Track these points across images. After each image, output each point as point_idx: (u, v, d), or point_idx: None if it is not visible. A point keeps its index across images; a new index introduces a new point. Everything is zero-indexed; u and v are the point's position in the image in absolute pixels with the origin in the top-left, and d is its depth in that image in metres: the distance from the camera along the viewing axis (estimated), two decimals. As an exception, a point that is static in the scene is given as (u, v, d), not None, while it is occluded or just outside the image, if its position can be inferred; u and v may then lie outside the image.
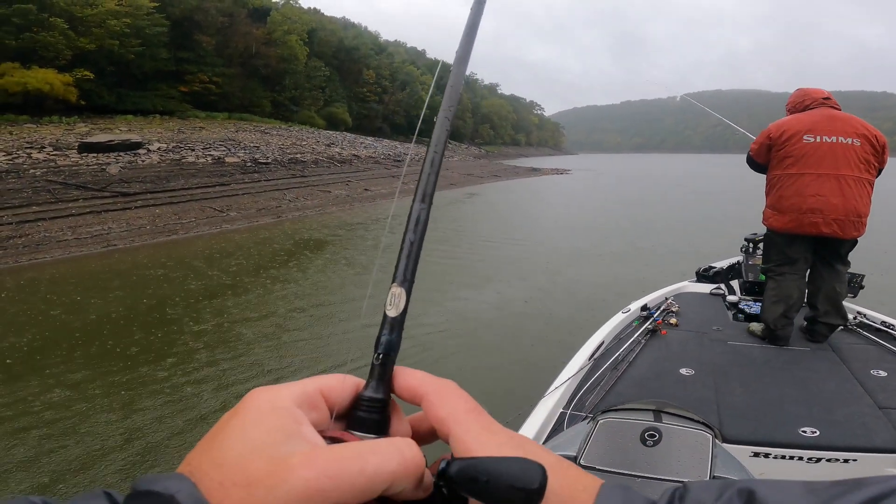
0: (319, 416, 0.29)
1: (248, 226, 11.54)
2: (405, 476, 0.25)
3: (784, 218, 2.97)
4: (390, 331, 0.32)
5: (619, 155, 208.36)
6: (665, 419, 1.61)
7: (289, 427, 0.25)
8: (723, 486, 0.26)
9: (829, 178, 2.85)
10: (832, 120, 2.93)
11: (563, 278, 7.42)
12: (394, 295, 0.32)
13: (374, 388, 0.31)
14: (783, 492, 0.24)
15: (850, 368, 2.59)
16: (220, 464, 0.23)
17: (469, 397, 0.31)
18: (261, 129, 29.03)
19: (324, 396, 0.30)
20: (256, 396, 0.27)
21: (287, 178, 17.30)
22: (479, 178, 28.20)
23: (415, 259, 0.33)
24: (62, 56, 26.70)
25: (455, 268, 7.92)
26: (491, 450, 0.28)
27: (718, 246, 7.44)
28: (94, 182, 12.03)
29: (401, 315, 0.32)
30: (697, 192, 23.97)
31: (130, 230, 9.89)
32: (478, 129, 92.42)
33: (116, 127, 22.02)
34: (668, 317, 3.31)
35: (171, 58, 33.53)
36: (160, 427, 3.39)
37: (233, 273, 7.41)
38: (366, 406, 0.30)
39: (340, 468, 0.23)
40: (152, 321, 5.50)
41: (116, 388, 3.94)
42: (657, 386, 2.43)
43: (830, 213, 2.84)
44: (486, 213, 15.34)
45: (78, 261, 8.13)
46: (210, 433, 0.26)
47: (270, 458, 0.23)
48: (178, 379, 4.10)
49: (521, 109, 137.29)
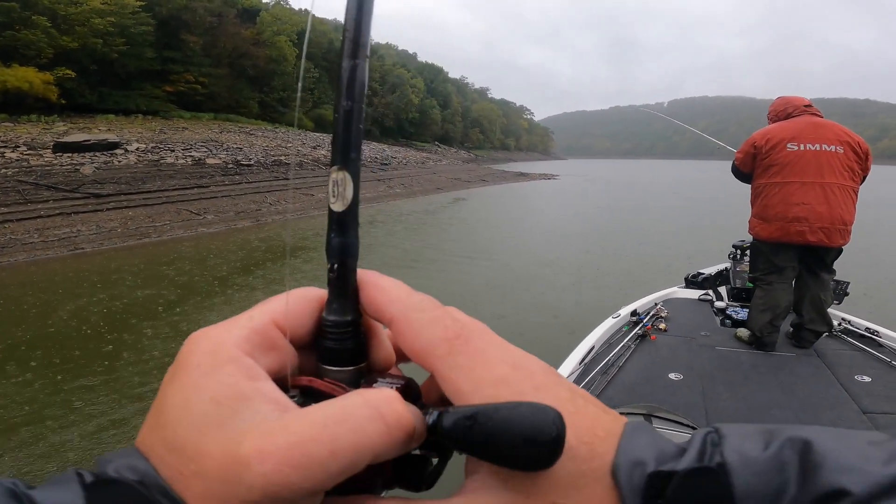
0: (279, 358, 0.24)
1: (226, 229, 11.33)
2: (390, 444, 0.21)
3: (770, 227, 2.97)
4: (340, 230, 0.25)
5: (607, 160, 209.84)
6: (655, 423, 1.62)
7: (240, 388, 0.21)
8: (768, 433, 0.22)
9: (813, 186, 2.85)
10: (816, 127, 2.93)
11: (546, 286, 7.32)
12: (335, 182, 0.25)
13: (336, 310, 0.25)
14: (844, 442, 0.21)
15: (835, 374, 2.63)
16: (171, 447, 0.20)
17: (451, 317, 0.24)
18: (246, 131, 28.70)
19: (279, 327, 0.24)
20: (195, 346, 0.23)
21: (269, 180, 17.06)
22: (465, 182, 28.13)
23: (356, 132, 0.25)
24: (44, 54, 26.25)
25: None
26: (487, 389, 0.22)
27: (707, 251, 7.46)
28: (67, 183, 11.73)
29: (350, 207, 0.25)
30: (688, 199, 24.05)
31: (100, 233, 9.63)
32: (467, 133, 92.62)
33: (96, 126, 21.63)
34: (657, 322, 3.36)
35: (156, 57, 33.13)
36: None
37: (181, 284, 7.04)
38: (332, 333, 0.25)
39: (305, 453, 0.19)
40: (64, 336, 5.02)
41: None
42: (647, 390, 2.47)
43: (816, 221, 2.85)
44: (474, 218, 15.24)
45: (40, 264, 7.87)
46: (156, 399, 0.22)
47: (222, 443, 0.20)
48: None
49: (511, 114, 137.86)
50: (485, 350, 0.23)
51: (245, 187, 15.53)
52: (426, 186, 23.67)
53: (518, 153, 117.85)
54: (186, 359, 0.22)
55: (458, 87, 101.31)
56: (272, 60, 42.61)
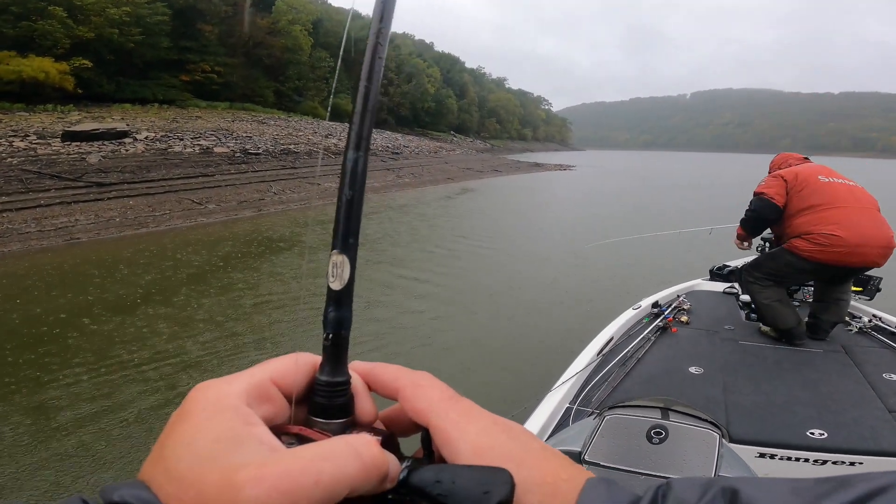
0: (274, 409, 0.27)
1: (226, 219, 11.21)
2: (365, 480, 0.24)
3: (827, 250, 2.85)
4: (336, 306, 0.28)
5: (626, 152, 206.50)
6: (672, 417, 1.61)
7: (238, 431, 0.24)
8: (706, 484, 0.24)
9: (859, 211, 2.87)
10: (827, 169, 3.07)
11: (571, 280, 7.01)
12: (335, 264, 0.28)
13: (328, 372, 0.28)
14: (768, 492, 0.23)
15: (862, 371, 2.56)
16: (173, 477, 0.23)
17: (445, 386, 0.30)
18: (259, 119, 28.69)
19: (276, 384, 0.28)
20: (201, 395, 0.26)
21: (276, 169, 16.94)
22: (477, 172, 27.74)
23: (356, 219, 0.28)
24: (60, 44, 26.53)
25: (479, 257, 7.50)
26: (471, 437, 0.27)
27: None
28: (70, 171, 11.72)
29: (346, 287, 0.28)
30: (713, 189, 23.34)
31: (98, 222, 9.57)
32: (484, 123, 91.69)
33: (111, 116, 21.77)
34: (679, 314, 3.30)
35: (172, 47, 33.34)
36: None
37: (149, 283, 6.70)
38: (323, 392, 0.28)
39: (293, 482, 0.22)
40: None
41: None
42: (665, 383, 2.42)
43: (875, 244, 2.84)
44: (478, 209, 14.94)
45: (31, 255, 7.79)
46: (160, 438, 0.25)
47: (220, 472, 0.22)
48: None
49: (529, 104, 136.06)
50: (471, 409, 0.28)
51: (251, 176, 15.43)
52: (437, 176, 23.35)
53: (535, 144, 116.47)
54: (192, 405, 0.25)
55: (474, 77, 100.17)
56: (287, 50, 42.52)
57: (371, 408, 0.30)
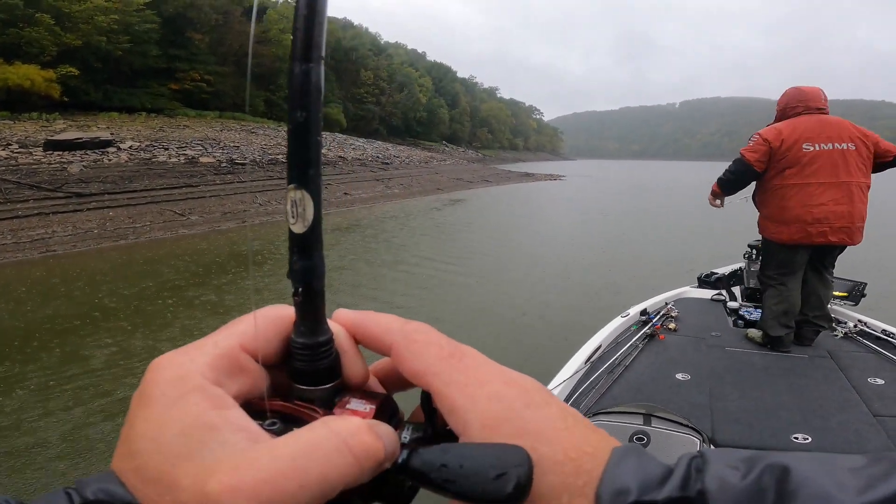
0: (249, 381, 0.24)
1: (208, 231, 11.06)
2: (358, 474, 0.21)
3: (790, 229, 2.94)
4: (303, 252, 0.23)
5: (617, 161, 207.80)
6: (654, 423, 1.64)
7: (207, 419, 0.21)
8: (749, 460, 0.22)
9: (832, 187, 2.86)
10: (826, 126, 2.92)
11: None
12: (294, 202, 0.23)
13: (305, 333, 0.24)
14: (823, 469, 0.20)
15: (847, 376, 2.59)
16: (146, 479, 0.20)
17: (446, 339, 0.25)
18: (248, 129, 28.55)
19: (248, 351, 0.24)
20: (159, 375, 0.22)
21: (263, 179, 16.81)
22: (468, 182, 27.74)
23: (315, 146, 0.23)
24: (47, 52, 26.31)
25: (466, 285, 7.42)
26: (481, 406, 0.23)
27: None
28: (50, 182, 11.55)
29: (311, 228, 0.23)
30: (700, 199, 23.46)
31: (75, 234, 9.40)
32: (475, 133, 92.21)
33: (96, 124, 21.58)
34: (667, 322, 3.33)
35: (161, 55, 33.21)
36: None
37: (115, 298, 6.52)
38: (302, 356, 0.24)
39: (275, 489, 0.19)
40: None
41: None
42: (652, 390, 2.44)
43: (837, 221, 2.85)
44: (461, 222, 14.90)
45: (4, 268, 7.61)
46: (125, 428, 0.22)
47: (192, 476, 0.19)
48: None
49: (520, 114, 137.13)
50: (478, 368, 0.24)
51: (236, 186, 15.28)
52: (426, 187, 23.31)
53: (527, 153, 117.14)
54: (151, 387, 0.22)
55: (466, 87, 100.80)
56: (278, 59, 42.51)
57: (361, 367, 0.26)
